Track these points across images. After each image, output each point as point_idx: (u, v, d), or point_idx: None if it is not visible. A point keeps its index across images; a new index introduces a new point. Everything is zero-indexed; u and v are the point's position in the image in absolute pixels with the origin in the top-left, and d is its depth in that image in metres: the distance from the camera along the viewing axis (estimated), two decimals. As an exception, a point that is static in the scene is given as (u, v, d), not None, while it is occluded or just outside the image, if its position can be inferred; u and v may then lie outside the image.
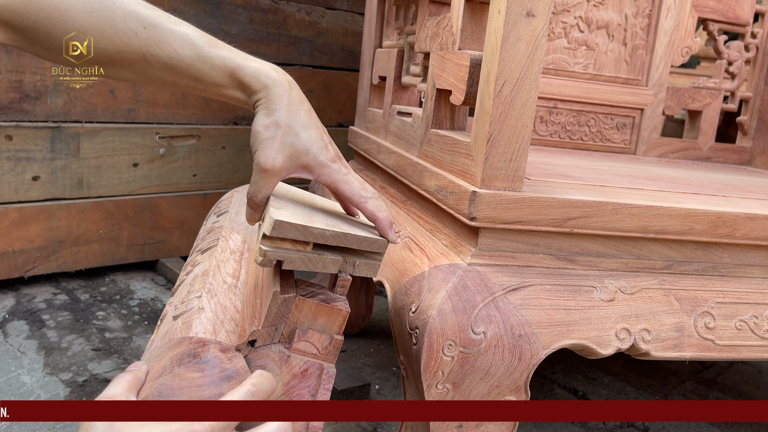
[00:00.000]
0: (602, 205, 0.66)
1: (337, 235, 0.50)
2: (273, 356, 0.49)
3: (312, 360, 0.50)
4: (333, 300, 0.51)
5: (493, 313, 0.61)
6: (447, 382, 0.61)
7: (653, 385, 1.20)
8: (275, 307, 0.49)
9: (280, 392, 0.49)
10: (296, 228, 0.48)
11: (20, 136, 1.19)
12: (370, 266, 0.53)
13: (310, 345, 0.50)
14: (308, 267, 0.49)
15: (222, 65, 0.54)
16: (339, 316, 0.50)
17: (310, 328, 0.50)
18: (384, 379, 1.10)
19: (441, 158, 0.74)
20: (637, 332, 0.65)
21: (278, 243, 0.48)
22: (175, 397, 0.45)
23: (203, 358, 0.47)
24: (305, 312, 0.50)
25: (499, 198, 0.63)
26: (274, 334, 0.50)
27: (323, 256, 0.50)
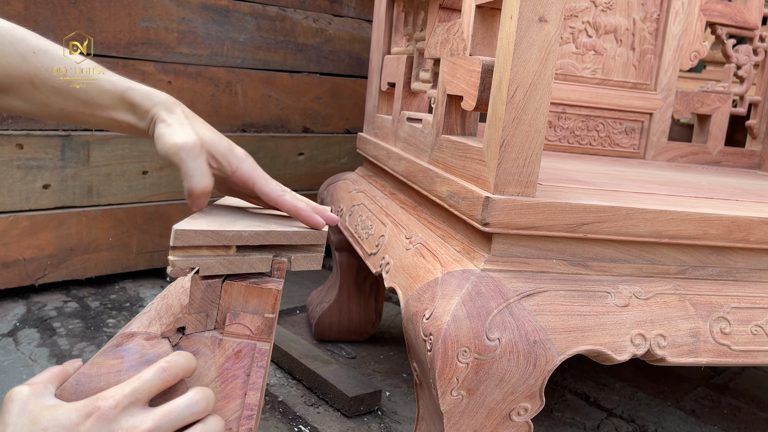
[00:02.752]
0: (616, 210, 0.66)
1: (258, 234, 0.50)
2: (206, 341, 0.49)
3: (245, 341, 0.50)
4: (264, 282, 0.51)
5: (507, 319, 0.61)
6: (462, 388, 0.61)
7: (665, 391, 1.19)
8: (199, 293, 0.49)
9: (214, 375, 0.49)
10: (205, 234, 0.48)
11: (31, 144, 1.20)
12: (309, 259, 0.53)
13: (242, 327, 0.50)
14: (231, 270, 0.49)
15: (111, 88, 0.54)
16: (270, 296, 0.50)
17: (242, 311, 0.50)
18: (395, 386, 1.09)
19: (452, 164, 0.74)
20: (652, 338, 0.64)
21: (192, 251, 0.48)
22: (93, 384, 0.45)
23: (125, 347, 0.47)
24: (235, 296, 0.50)
25: (513, 203, 0.63)
26: (206, 321, 0.50)
27: (249, 257, 0.50)
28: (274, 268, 0.52)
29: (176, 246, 0.48)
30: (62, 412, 0.41)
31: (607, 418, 1.06)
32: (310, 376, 1.04)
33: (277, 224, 0.53)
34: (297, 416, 0.96)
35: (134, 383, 0.44)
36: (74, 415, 0.41)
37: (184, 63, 1.38)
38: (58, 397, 0.45)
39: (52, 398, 0.44)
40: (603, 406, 1.11)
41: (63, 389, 0.46)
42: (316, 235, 0.53)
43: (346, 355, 1.19)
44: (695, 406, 1.14)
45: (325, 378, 1.01)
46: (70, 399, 0.45)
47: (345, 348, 1.22)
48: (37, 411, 0.42)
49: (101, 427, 0.41)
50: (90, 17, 1.24)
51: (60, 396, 0.46)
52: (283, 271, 0.52)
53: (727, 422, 1.10)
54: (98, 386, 0.45)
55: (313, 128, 1.64)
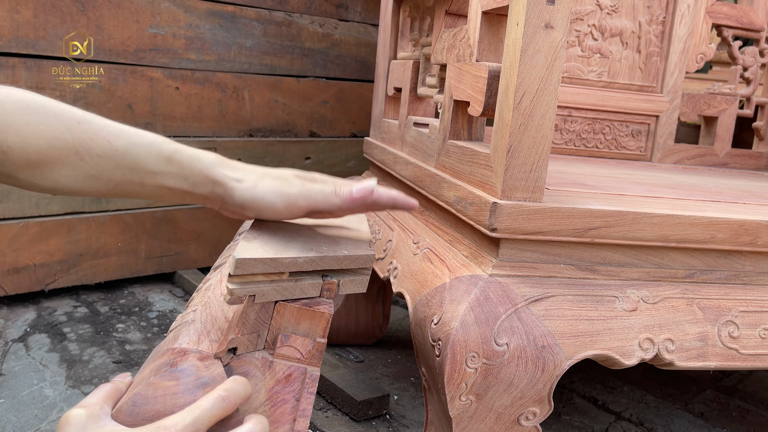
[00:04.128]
0: (623, 215, 0.66)
1: (312, 260, 0.50)
2: (256, 363, 0.49)
3: (296, 365, 0.49)
4: (316, 304, 0.50)
5: (515, 324, 0.61)
6: (470, 393, 0.61)
7: (673, 394, 1.19)
8: (252, 314, 0.49)
9: (263, 398, 0.48)
10: (263, 263, 0.47)
11: (41, 151, 1.21)
12: (357, 282, 0.53)
13: (293, 350, 0.50)
14: (285, 296, 0.49)
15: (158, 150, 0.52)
16: (322, 320, 0.50)
17: (293, 333, 0.50)
18: (403, 390, 1.10)
19: (460, 169, 0.74)
20: (660, 342, 0.65)
21: (249, 278, 0.48)
22: (149, 405, 0.45)
23: (179, 367, 0.47)
24: (287, 317, 0.50)
25: (520, 209, 0.63)
26: (257, 341, 0.50)
27: (301, 282, 0.50)
28: (323, 289, 0.51)
29: (236, 274, 0.47)
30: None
31: (615, 422, 1.06)
32: (319, 381, 1.04)
33: (328, 247, 0.53)
34: (306, 420, 0.97)
35: (195, 413, 0.43)
36: None
37: (192, 69, 1.39)
38: (114, 418, 0.45)
39: (109, 421, 0.44)
40: (611, 409, 1.11)
41: (119, 410, 0.46)
42: (364, 259, 0.52)
43: (353, 359, 1.20)
44: (704, 409, 1.14)
45: (334, 382, 1.02)
46: (126, 420, 0.45)
47: (353, 352, 1.22)
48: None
49: None
50: (98, 24, 1.25)
51: (116, 417, 0.45)
52: (333, 293, 0.52)
53: (736, 425, 1.09)
54: (155, 408, 0.45)
55: (319, 132, 1.64)
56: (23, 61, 1.18)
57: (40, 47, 1.19)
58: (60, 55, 1.21)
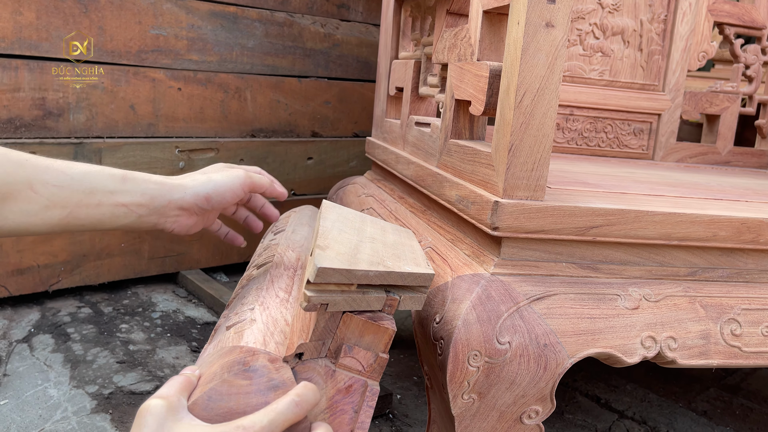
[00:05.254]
0: (624, 213, 0.66)
1: (381, 275, 0.51)
2: (319, 370, 0.50)
3: (357, 376, 0.51)
4: (380, 318, 0.52)
5: (517, 322, 0.61)
6: (473, 392, 0.61)
7: (677, 392, 1.19)
8: (323, 321, 0.50)
9: (324, 406, 0.50)
10: (340, 273, 0.49)
11: (44, 152, 1.21)
12: (415, 300, 0.54)
13: (355, 361, 0.51)
14: (352, 306, 0.51)
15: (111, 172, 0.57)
16: (385, 335, 0.51)
17: (356, 344, 0.51)
18: (405, 389, 1.10)
19: (461, 168, 0.75)
20: (662, 340, 0.65)
21: (323, 287, 0.49)
22: (223, 402, 0.47)
23: (252, 367, 0.48)
24: (352, 328, 0.51)
25: (522, 207, 0.63)
26: (321, 349, 0.51)
27: (367, 295, 0.51)
28: (386, 304, 0.53)
29: (314, 282, 0.49)
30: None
31: (618, 420, 1.06)
32: (322, 380, 1.05)
33: (392, 261, 0.54)
34: (309, 420, 0.97)
35: (270, 415, 0.45)
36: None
37: (194, 69, 1.39)
38: (189, 410, 0.46)
39: (187, 414, 0.45)
40: (614, 407, 1.11)
41: (194, 403, 0.47)
42: (425, 278, 0.54)
43: (356, 358, 1.20)
44: (707, 407, 1.14)
45: (337, 381, 1.02)
46: (200, 414, 0.46)
47: (356, 351, 1.22)
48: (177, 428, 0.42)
49: None
50: (101, 26, 1.25)
51: (191, 410, 0.46)
52: (394, 308, 0.53)
53: (739, 423, 1.09)
54: (228, 405, 0.46)
55: (321, 132, 1.64)
56: (26, 63, 1.18)
57: (43, 49, 1.20)
58: (63, 57, 1.22)
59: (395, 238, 0.65)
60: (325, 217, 0.66)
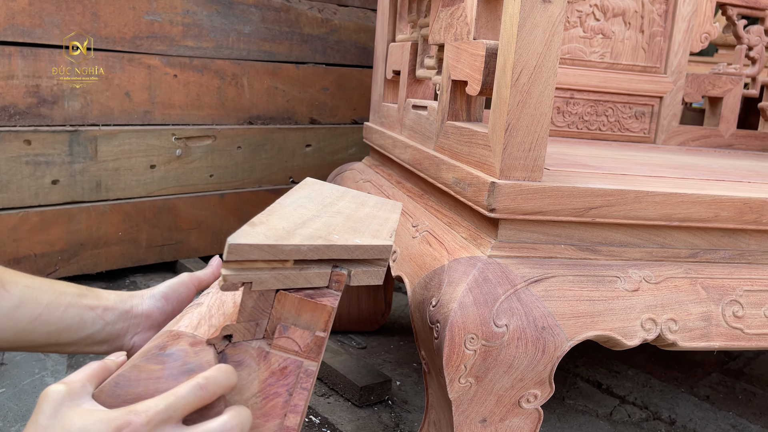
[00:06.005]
0: (624, 194, 0.65)
1: (317, 249, 0.47)
2: (251, 352, 0.47)
3: (292, 357, 0.47)
4: (321, 295, 0.48)
5: (515, 305, 0.60)
6: (470, 376, 0.60)
7: (678, 377, 1.18)
8: (250, 301, 0.47)
9: (256, 389, 0.47)
10: (260, 249, 0.45)
11: (39, 140, 1.20)
12: (371, 274, 0.50)
13: (291, 341, 0.48)
14: (286, 284, 0.47)
15: (74, 285, 0.59)
16: (324, 312, 0.48)
17: (294, 324, 0.48)
18: (405, 376, 1.09)
19: (458, 150, 0.73)
20: (663, 322, 0.64)
21: (247, 264, 0.45)
22: (131, 388, 0.44)
23: (167, 351, 0.46)
24: (288, 307, 0.48)
25: (519, 188, 0.62)
26: (256, 330, 0.48)
27: (306, 271, 0.47)
28: (332, 280, 0.49)
29: (230, 260, 0.45)
30: (93, 421, 0.41)
31: (620, 405, 1.06)
32: (321, 367, 1.04)
33: (342, 234, 0.50)
34: (307, 406, 0.96)
35: (169, 399, 0.42)
36: (105, 427, 0.40)
37: (190, 56, 1.38)
38: (95, 397, 0.45)
39: (88, 400, 0.43)
40: (615, 393, 1.10)
41: (101, 390, 0.45)
42: (379, 250, 0.49)
43: (356, 345, 1.19)
44: (709, 392, 1.13)
45: (335, 368, 1.01)
46: (106, 401, 0.44)
47: (355, 338, 1.22)
48: (70, 416, 0.41)
49: None
50: (94, 12, 1.23)
51: (97, 397, 0.45)
52: (342, 284, 0.49)
53: (742, 408, 1.09)
54: (136, 391, 0.44)
55: (320, 119, 1.63)
56: (19, 50, 1.17)
57: (36, 35, 1.18)
58: (56, 44, 1.20)
59: (370, 211, 0.61)
60: (292, 193, 0.63)
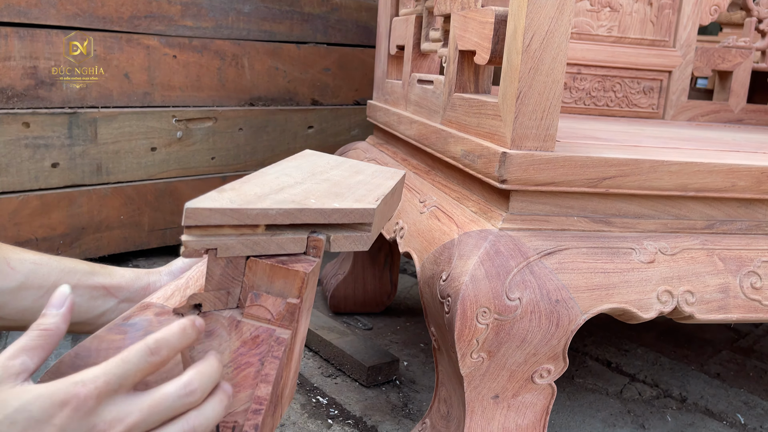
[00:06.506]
0: (639, 163, 0.63)
1: (288, 213, 0.44)
2: (222, 321, 0.45)
3: (264, 326, 0.45)
4: (296, 261, 0.45)
5: (528, 278, 0.59)
6: (482, 350, 0.59)
7: (689, 355, 1.17)
8: (218, 269, 0.45)
9: (227, 359, 0.45)
10: (222, 213, 0.42)
11: (37, 122, 1.18)
12: (354, 239, 0.47)
13: (263, 309, 0.45)
14: (256, 251, 0.44)
15: (86, 262, 0.57)
16: (297, 278, 0.45)
17: (267, 291, 0.45)
18: (412, 356, 1.08)
19: (466, 122, 0.71)
20: (679, 294, 0.62)
21: (212, 231, 0.43)
22: (91, 358, 0.43)
23: (131, 321, 0.45)
24: (259, 274, 0.45)
25: (531, 158, 0.60)
26: (227, 299, 0.46)
27: (278, 237, 0.45)
28: (309, 246, 0.46)
29: (190, 225, 0.43)
30: (33, 397, 0.36)
31: (630, 383, 1.04)
32: (327, 348, 1.03)
33: (321, 199, 0.48)
34: (314, 387, 0.95)
35: (120, 367, 0.38)
36: (48, 403, 0.36)
37: (189, 36, 1.35)
38: (52, 372, 0.42)
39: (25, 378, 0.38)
40: (625, 371, 1.09)
41: (61, 361, 0.43)
42: (360, 213, 0.46)
43: (362, 326, 1.18)
44: (720, 370, 1.12)
45: (342, 349, 1.00)
46: (67, 372, 0.41)
47: (361, 320, 1.20)
48: (3, 398, 0.35)
49: (79, 421, 0.36)
50: (91, -9, 1.21)
51: (56, 370, 0.42)
52: (320, 250, 0.47)
53: (753, 384, 1.07)
54: (96, 362, 0.41)
55: (321, 101, 1.61)
56: (16, 31, 1.14)
57: (33, 15, 1.16)
58: (53, 24, 1.18)
59: (364, 178, 0.58)
60: (282, 162, 0.61)
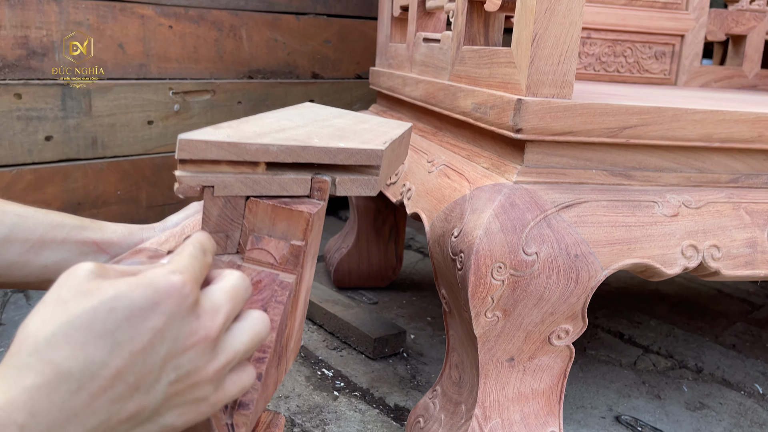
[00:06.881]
0: (661, 111, 0.59)
1: (290, 150, 0.41)
2: (221, 266, 0.42)
3: (267, 270, 0.42)
4: (299, 203, 0.43)
5: (545, 231, 0.55)
6: (497, 309, 0.56)
7: (702, 327, 1.14)
8: (215, 209, 0.42)
9: None
10: (219, 147, 0.40)
11: (30, 94, 1.15)
12: (360, 183, 0.44)
13: (265, 253, 0.43)
14: (256, 190, 0.42)
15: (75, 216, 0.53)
16: (301, 219, 0.42)
17: (269, 234, 0.43)
18: (419, 329, 1.05)
19: (477, 74, 0.68)
20: (705, 249, 0.59)
21: (208, 167, 0.41)
22: None
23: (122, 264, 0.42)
24: (261, 216, 0.42)
25: (548, 106, 0.57)
26: (227, 243, 0.43)
27: (280, 176, 0.42)
28: (314, 188, 0.44)
29: (185, 159, 0.40)
30: (131, 285, 0.31)
31: (643, 355, 1.01)
32: (332, 320, 1.00)
33: (329, 139, 0.45)
34: (319, 360, 0.92)
35: (192, 260, 0.35)
36: (150, 291, 0.31)
37: (185, 5, 1.31)
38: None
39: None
40: (639, 343, 1.05)
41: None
42: (368, 154, 0.43)
43: (367, 301, 1.15)
44: (735, 341, 1.09)
45: (347, 321, 0.97)
46: None
47: (366, 294, 1.17)
48: (97, 285, 0.31)
49: (187, 310, 0.33)
50: (83, -42, 1.17)
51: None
52: (325, 193, 0.44)
53: (770, 355, 1.04)
54: None
55: (322, 74, 1.57)
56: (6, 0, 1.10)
57: (23, -17, 1.12)
58: (44, -9, 1.14)
59: (370, 127, 0.55)
60: (281, 110, 0.58)
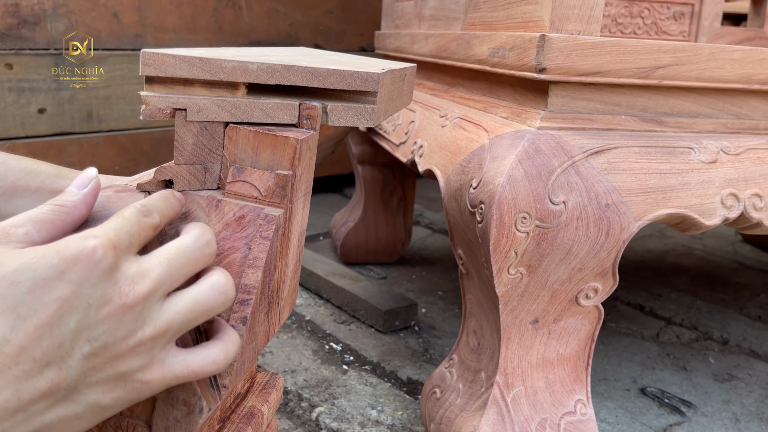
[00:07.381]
0: (697, 49, 0.54)
1: (273, 69, 0.37)
2: (200, 202, 0.38)
3: (251, 204, 0.38)
4: (286, 131, 0.38)
5: (573, 179, 0.50)
6: (521, 265, 0.51)
7: (726, 299, 1.09)
8: (189, 137, 0.37)
9: None
10: (188, 62, 0.36)
11: (21, 64, 1.10)
12: (355, 111, 0.39)
13: (249, 186, 0.38)
14: (236, 116, 0.37)
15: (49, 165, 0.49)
16: (287, 147, 0.37)
17: (252, 165, 0.38)
18: (431, 303, 1.00)
19: (493, 18, 0.63)
20: (746, 198, 0.54)
21: (179, 88, 0.36)
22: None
23: None
24: (242, 145, 0.38)
25: (574, 42, 0.52)
26: (205, 177, 0.39)
27: (262, 101, 0.37)
28: (302, 116, 0.39)
29: (152, 77, 0.36)
30: (36, 255, 0.29)
31: (666, 327, 0.97)
32: (339, 294, 0.95)
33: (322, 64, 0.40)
34: (327, 334, 0.88)
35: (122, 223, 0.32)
36: (56, 259, 0.29)
37: (182, -26, 1.26)
38: None
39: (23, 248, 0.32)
40: (660, 315, 1.01)
41: None
42: (362, 78, 0.38)
43: (375, 275, 1.10)
44: (760, 312, 1.04)
45: (356, 294, 0.92)
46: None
47: (374, 269, 1.13)
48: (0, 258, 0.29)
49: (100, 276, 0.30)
50: None
51: None
52: (315, 121, 0.39)
53: (799, 326, 1.00)
54: None
55: (325, 46, 1.52)
56: (-7, -36, 1.06)
57: (11, -52, 1.07)
58: (34, -43, 1.09)
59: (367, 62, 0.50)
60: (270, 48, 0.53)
